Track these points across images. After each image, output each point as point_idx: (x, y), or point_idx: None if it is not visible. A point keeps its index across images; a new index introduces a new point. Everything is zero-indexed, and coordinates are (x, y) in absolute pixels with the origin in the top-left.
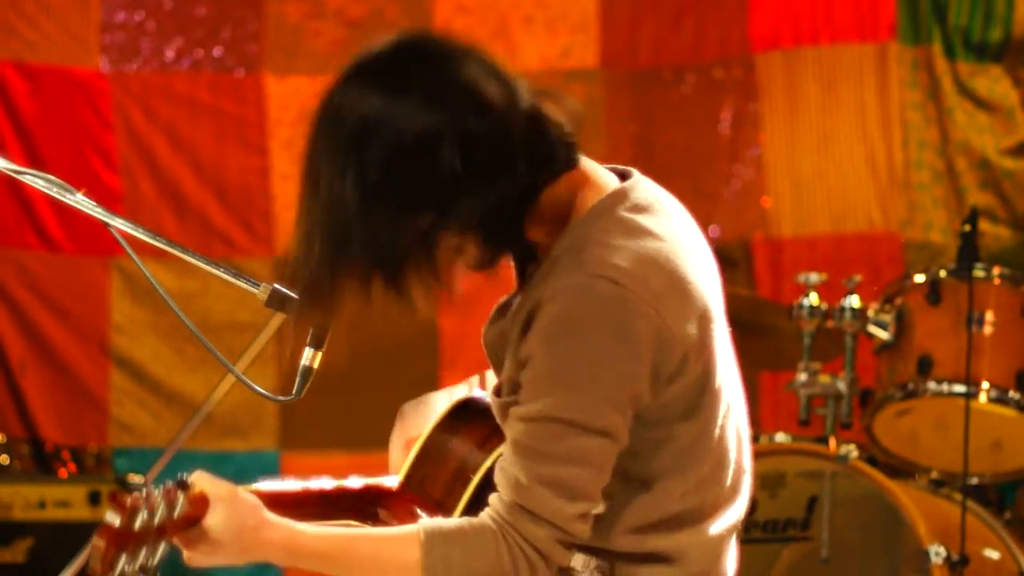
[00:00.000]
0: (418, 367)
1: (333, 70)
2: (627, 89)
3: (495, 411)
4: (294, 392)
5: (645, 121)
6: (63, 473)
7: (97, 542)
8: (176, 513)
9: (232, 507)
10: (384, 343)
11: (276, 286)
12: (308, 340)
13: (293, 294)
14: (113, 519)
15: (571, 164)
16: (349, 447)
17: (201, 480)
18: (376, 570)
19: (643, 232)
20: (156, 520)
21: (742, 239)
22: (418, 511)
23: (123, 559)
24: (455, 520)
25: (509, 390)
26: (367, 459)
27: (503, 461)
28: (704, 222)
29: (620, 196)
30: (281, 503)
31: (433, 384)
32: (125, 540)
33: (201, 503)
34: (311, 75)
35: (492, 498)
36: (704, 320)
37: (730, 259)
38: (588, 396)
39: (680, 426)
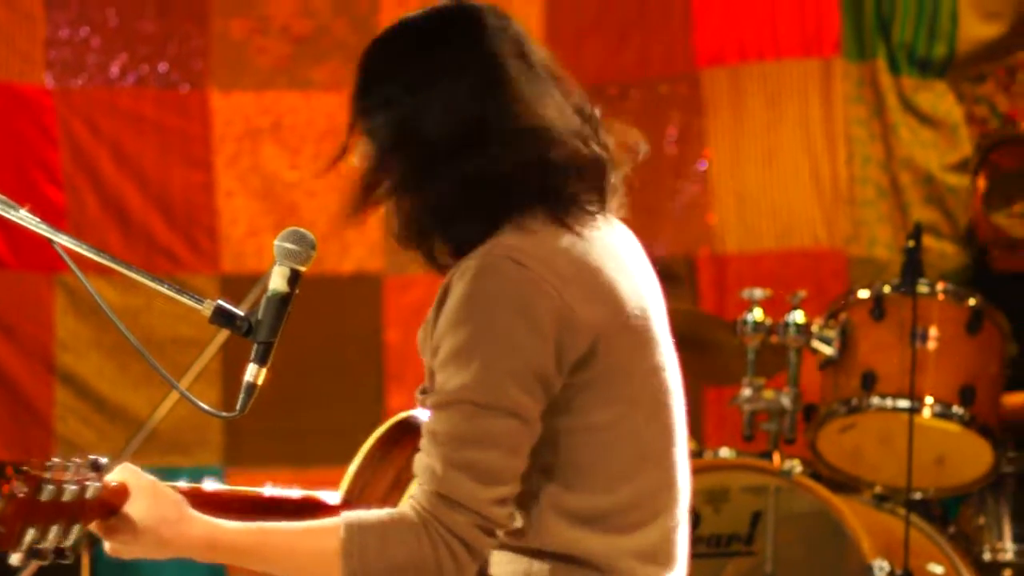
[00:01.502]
0: (363, 382)
1: (278, 86)
2: None
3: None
4: (238, 408)
5: None
6: (6, 489)
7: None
8: (89, 494)
9: (153, 499)
10: (329, 358)
11: (220, 302)
12: (252, 356)
13: (238, 311)
14: (18, 489)
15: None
16: (294, 463)
17: (124, 472)
18: (295, 561)
19: (559, 226)
20: (66, 497)
21: (687, 255)
22: None
23: (31, 533)
24: (377, 511)
25: (430, 386)
26: (312, 475)
27: (421, 451)
28: (649, 238)
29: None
30: (211, 504)
31: (378, 399)
32: (31, 511)
33: (122, 493)
34: (256, 91)
35: (412, 489)
36: (623, 315)
37: (675, 275)
38: (493, 375)
39: (593, 415)
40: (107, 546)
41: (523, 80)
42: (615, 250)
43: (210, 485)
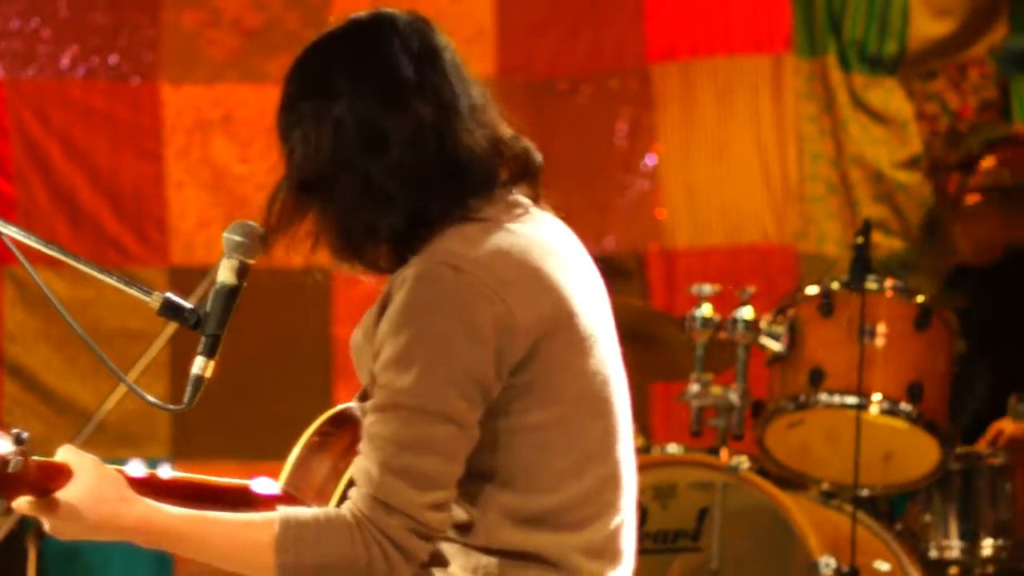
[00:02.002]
0: (311, 377)
1: (229, 79)
2: (523, 99)
3: (360, 415)
4: (185, 401)
5: (541, 131)
6: None
7: None
8: (11, 468)
9: (94, 479)
10: (277, 352)
11: (168, 295)
12: (199, 349)
13: (186, 303)
14: None
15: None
16: (242, 457)
17: (65, 452)
18: (231, 550)
19: (500, 228)
20: None
21: (636, 250)
22: None
23: None
24: (315, 509)
25: (369, 390)
26: (260, 469)
27: (359, 455)
28: (599, 233)
29: (487, 201)
30: (151, 489)
31: (327, 393)
32: None
33: (63, 473)
34: (207, 84)
35: (351, 491)
36: (563, 315)
37: (624, 270)
38: (431, 381)
39: (534, 415)
40: (46, 525)
41: (435, 87)
42: (554, 248)
43: (136, 470)
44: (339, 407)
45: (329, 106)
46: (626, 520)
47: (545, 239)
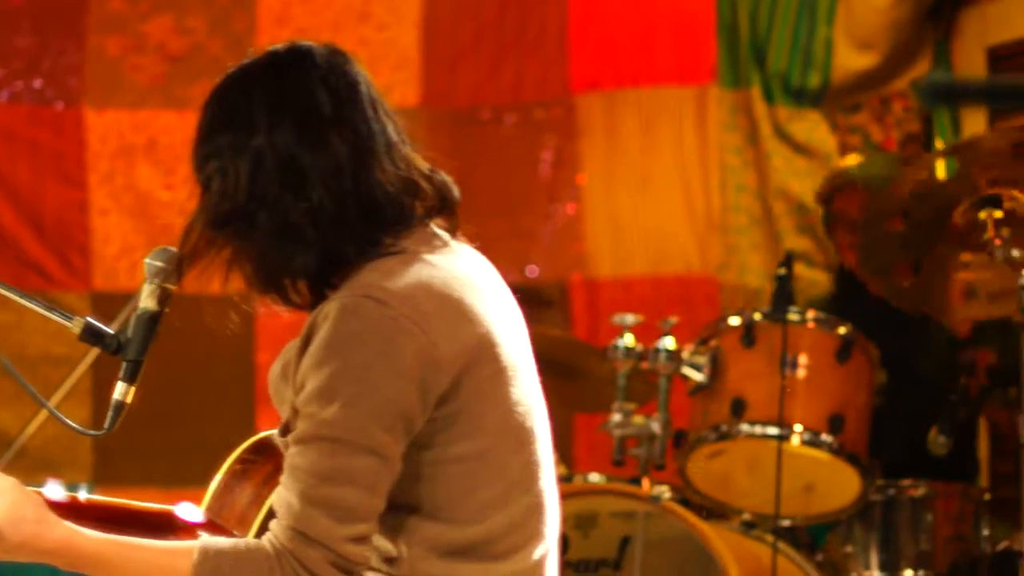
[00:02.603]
0: (234, 403)
1: (153, 104)
2: (447, 128)
3: (281, 449)
4: (106, 426)
5: (465, 160)
6: None
7: None
8: None
9: (13, 500)
10: (200, 379)
11: (89, 320)
12: (120, 375)
13: (107, 328)
14: None
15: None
16: (164, 483)
17: None
18: None
19: (420, 261)
20: None
21: (560, 280)
22: None
23: None
24: (235, 539)
25: (292, 423)
26: (182, 495)
27: (280, 486)
28: (522, 262)
29: (407, 234)
30: (70, 511)
31: (249, 420)
32: None
33: None
34: (131, 109)
35: (272, 523)
36: (485, 346)
37: (547, 300)
38: (354, 414)
39: (458, 446)
40: None
41: (353, 123)
42: (474, 280)
43: (55, 493)
44: (261, 434)
45: (247, 140)
46: (551, 549)
47: (465, 271)
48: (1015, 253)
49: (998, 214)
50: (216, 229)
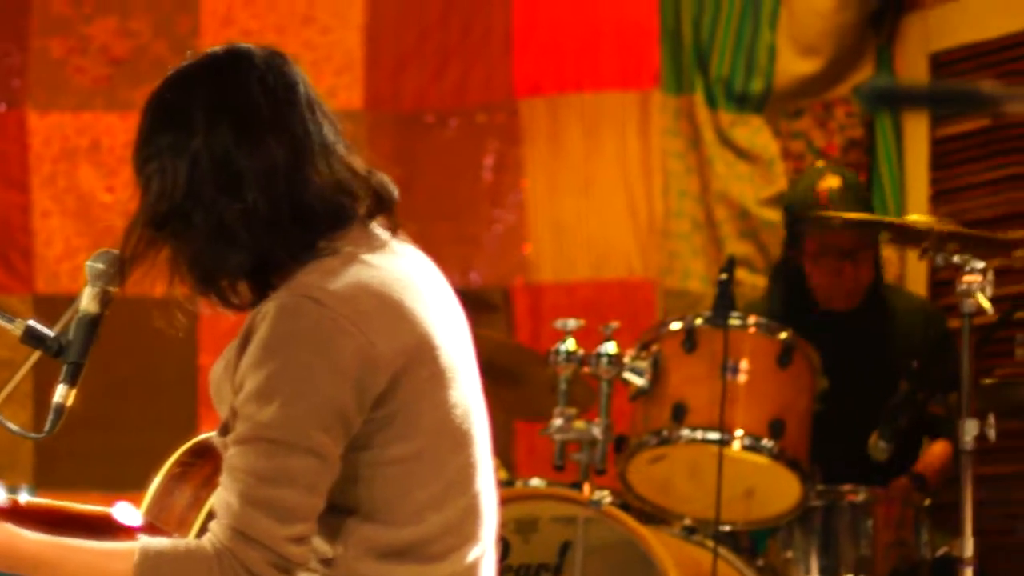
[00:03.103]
0: (177, 406)
1: (96, 107)
2: (390, 132)
3: (220, 450)
4: (46, 429)
5: (407, 164)
6: None
7: None
8: None
9: None
10: (142, 382)
11: (30, 322)
12: (61, 377)
13: (48, 331)
14: None
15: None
16: (106, 487)
17: None
18: None
19: (359, 262)
20: None
21: (502, 284)
22: None
23: None
24: (175, 540)
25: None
26: (124, 498)
27: (220, 487)
28: (465, 267)
29: (348, 235)
30: (10, 513)
31: (192, 423)
32: None
33: None
34: (74, 111)
35: (212, 523)
36: (424, 347)
37: (490, 304)
38: (293, 414)
39: (395, 448)
40: None
41: (289, 125)
42: (414, 281)
43: None
44: (200, 437)
45: (186, 141)
46: (487, 551)
47: (405, 272)
48: (956, 259)
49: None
50: (154, 229)
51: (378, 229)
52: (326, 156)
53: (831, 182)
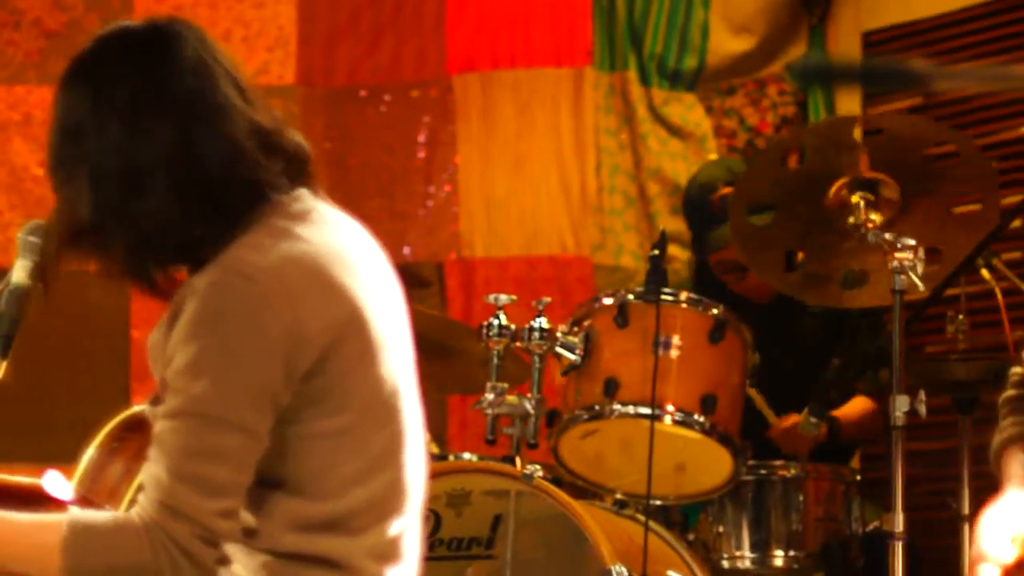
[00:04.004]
0: (108, 379)
1: (29, 80)
2: (323, 107)
3: (152, 420)
4: None
5: (340, 139)
6: None
7: None
8: None
9: None
10: (74, 354)
11: None
12: None
13: None
14: None
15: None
16: (38, 459)
17: None
18: (18, 550)
19: (290, 236)
20: None
21: (435, 259)
22: None
23: None
24: (103, 513)
25: (161, 397)
26: (57, 471)
27: (149, 460)
28: (398, 242)
29: (276, 206)
30: None
31: (124, 396)
32: None
33: None
34: (8, 84)
35: (140, 496)
36: (353, 322)
37: (423, 279)
38: (222, 390)
39: (323, 422)
40: None
41: (176, 104)
42: (347, 254)
43: None
44: (132, 410)
45: (82, 148)
46: (411, 524)
47: (336, 244)
48: (887, 236)
49: (870, 197)
50: (72, 246)
51: (305, 195)
52: (228, 125)
53: (725, 190)
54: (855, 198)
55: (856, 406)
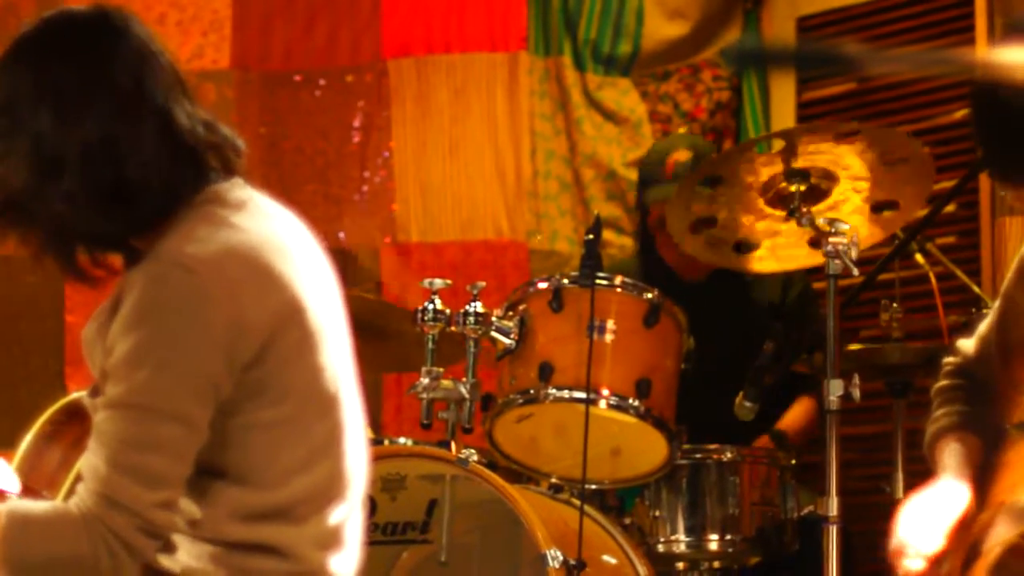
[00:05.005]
0: (42, 364)
1: None
2: (258, 91)
3: (91, 411)
4: None
5: (275, 124)
6: None
7: None
8: None
9: None
10: (7, 339)
11: None
12: None
13: None
14: None
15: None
16: None
17: None
18: None
19: (227, 225)
20: None
21: (370, 244)
22: None
23: None
24: (42, 504)
25: (100, 387)
26: None
27: (88, 450)
28: (333, 226)
29: (212, 195)
30: None
31: (59, 382)
32: None
33: None
34: None
35: (79, 487)
36: (293, 311)
37: (358, 263)
38: (162, 381)
39: (264, 413)
40: None
41: (107, 96)
42: (284, 243)
43: None
44: (72, 396)
45: (14, 129)
46: (353, 512)
47: (274, 234)
48: (820, 222)
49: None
50: (3, 212)
51: (240, 184)
52: (155, 129)
53: (681, 155)
54: (792, 188)
55: (798, 412)
